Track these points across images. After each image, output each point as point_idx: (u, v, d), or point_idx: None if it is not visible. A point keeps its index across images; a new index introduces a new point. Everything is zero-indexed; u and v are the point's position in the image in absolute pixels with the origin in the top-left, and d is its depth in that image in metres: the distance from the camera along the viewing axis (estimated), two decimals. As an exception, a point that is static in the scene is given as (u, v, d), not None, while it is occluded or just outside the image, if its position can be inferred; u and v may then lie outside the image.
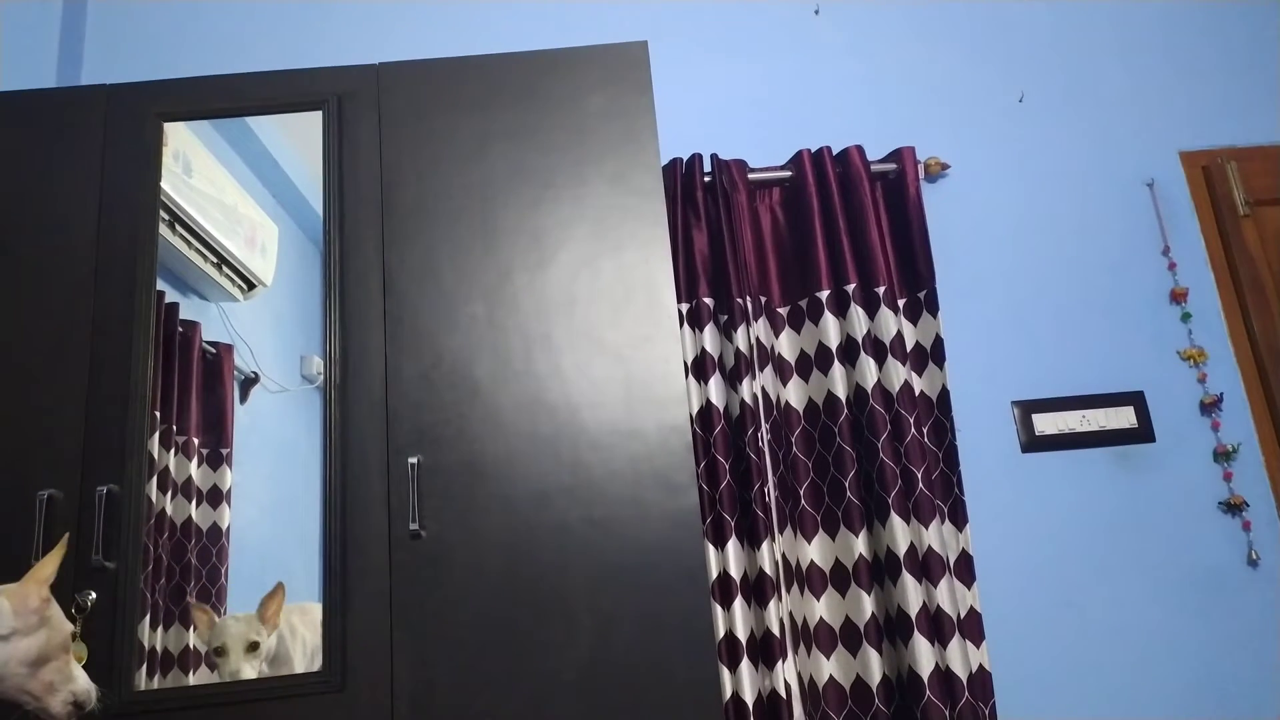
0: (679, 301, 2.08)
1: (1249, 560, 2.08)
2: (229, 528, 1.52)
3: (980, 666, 1.91)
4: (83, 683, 1.16)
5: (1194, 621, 2.04)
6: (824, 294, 2.08)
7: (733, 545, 1.92)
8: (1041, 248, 2.29)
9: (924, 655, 1.84)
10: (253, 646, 1.43)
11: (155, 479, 1.51)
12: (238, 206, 1.68)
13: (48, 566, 1.14)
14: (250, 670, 1.42)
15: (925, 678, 1.82)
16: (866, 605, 1.91)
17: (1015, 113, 2.41)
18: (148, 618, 1.44)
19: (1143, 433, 2.16)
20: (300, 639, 1.45)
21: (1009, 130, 2.39)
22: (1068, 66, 2.45)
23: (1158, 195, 2.34)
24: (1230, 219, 2.30)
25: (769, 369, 2.08)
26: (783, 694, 1.82)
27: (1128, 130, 2.40)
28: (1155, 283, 2.27)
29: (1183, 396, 2.19)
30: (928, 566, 1.90)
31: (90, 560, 1.42)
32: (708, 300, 2.08)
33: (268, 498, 1.53)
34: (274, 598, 1.47)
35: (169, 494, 1.51)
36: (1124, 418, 2.16)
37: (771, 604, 1.87)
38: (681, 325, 2.07)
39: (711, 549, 1.93)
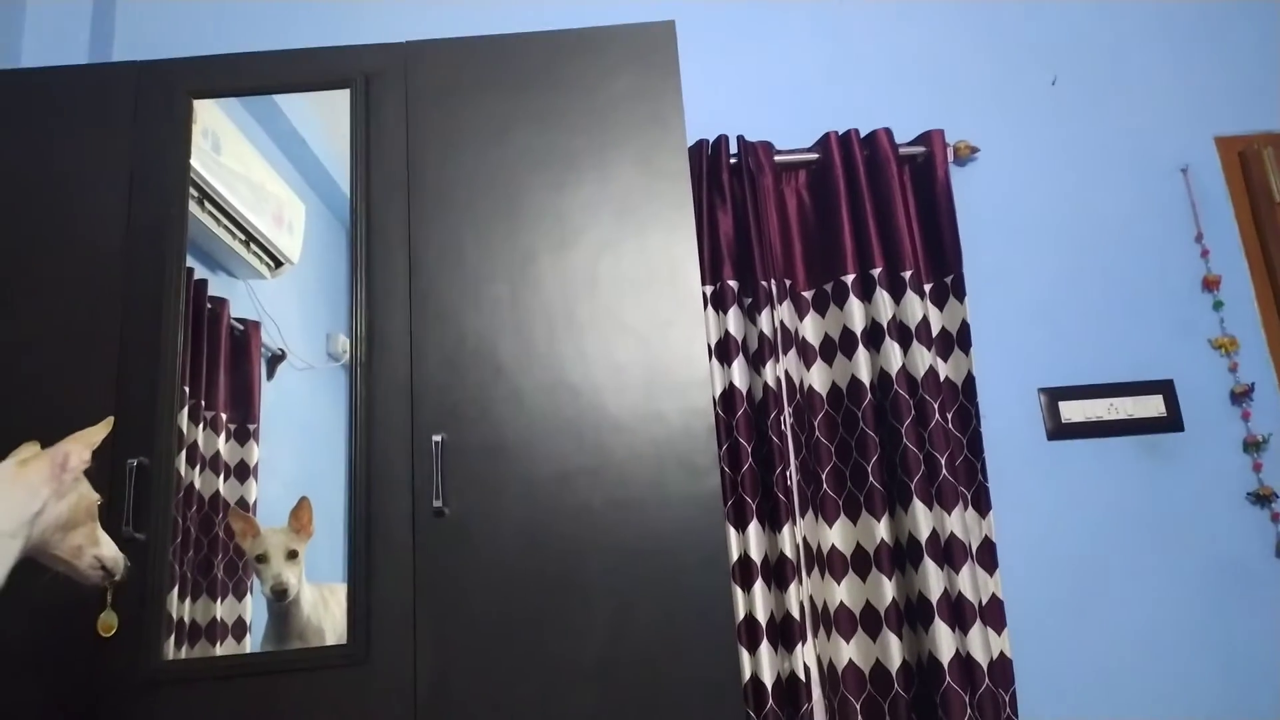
0: (703, 284, 2.07)
1: (1277, 552, 2.06)
2: (255, 502, 1.54)
3: (1001, 654, 1.90)
4: (109, 549, 1.23)
5: (1220, 613, 2.02)
6: (849, 278, 2.07)
7: (754, 528, 1.92)
8: (1072, 233, 2.26)
9: (944, 641, 1.83)
10: (292, 554, 1.48)
11: (184, 453, 1.53)
12: (266, 184, 1.69)
13: (97, 434, 1.20)
14: (292, 576, 1.47)
15: (945, 664, 1.82)
16: (887, 590, 1.91)
17: (1047, 96, 2.37)
18: (176, 589, 1.47)
19: (1171, 422, 2.13)
20: (332, 615, 1.47)
21: (1041, 114, 2.36)
22: (1101, 49, 2.41)
23: (1191, 181, 2.30)
24: (1265, 206, 2.25)
25: (793, 352, 2.08)
26: (802, 677, 1.82)
27: (1162, 115, 2.35)
28: (1187, 270, 2.24)
29: (1213, 386, 2.16)
30: (950, 552, 1.90)
31: (121, 531, 1.45)
32: (732, 283, 2.07)
33: (294, 473, 1.55)
34: (301, 508, 1.51)
35: (197, 468, 1.53)
36: (1152, 406, 2.14)
37: (792, 587, 1.87)
38: (705, 308, 2.06)
39: (733, 531, 1.94)
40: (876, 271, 2.06)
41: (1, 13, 2.12)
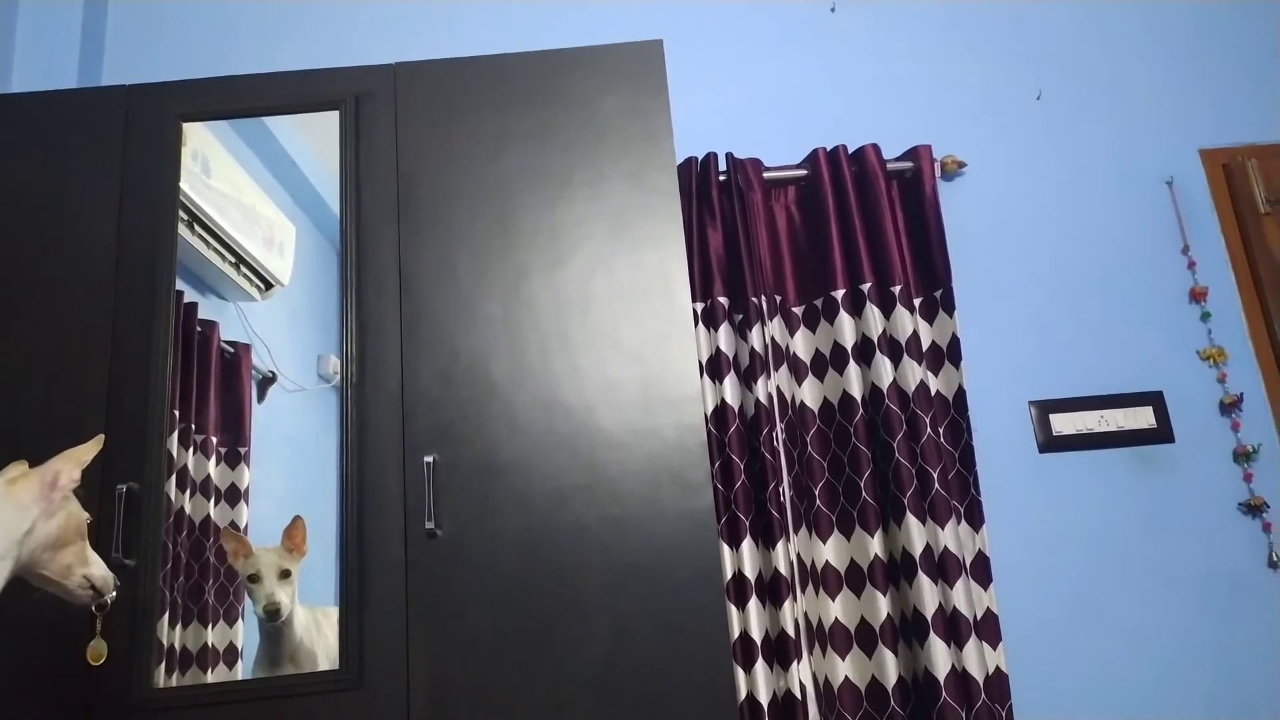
0: (694, 301, 2.07)
1: (1270, 562, 2.06)
2: (247, 526, 1.53)
3: (997, 668, 1.90)
4: (99, 568, 1.22)
5: (1213, 624, 2.02)
6: (839, 293, 2.08)
7: (748, 545, 1.92)
8: (1059, 246, 2.28)
9: (940, 657, 1.83)
10: (285, 574, 1.47)
11: (174, 477, 1.52)
12: (256, 206, 1.69)
13: (87, 453, 1.19)
14: (284, 596, 1.46)
15: (941, 679, 1.81)
16: (882, 606, 1.91)
17: (1033, 110, 2.39)
18: (166, 615, 1.45)
19: (1162, 433, 2.14)
20: (325, 638, 1.46)
21: (1027, 128, 2.38)
22: (1086, 64, 2.44)
23: (1177, 193, 2.32)
24: (1251, 217, 2.28)
25: (784, 368, 2.08)
26: (798, 695, 1.82)
27: (1147, 128, 2.38)
28: (1174, 282, 2.25)
29: (1202, 396, 2.17)
30: (944, 567, 1.90)
31: (110, 558, 1.42)
32: (722, 300, 2.07)
33: (285, 496, 1.54)
34: (295, 527, 1.50)
35: (188, 492, 1.52)
36: (1143, 418, 2.15)
37: (786, 604, 1.86)
38: (696, 325, 2.07)
39: (726, 549, 1.93)
40: (866, 287, 2.06)
41: (-11, 37, 2.12)
